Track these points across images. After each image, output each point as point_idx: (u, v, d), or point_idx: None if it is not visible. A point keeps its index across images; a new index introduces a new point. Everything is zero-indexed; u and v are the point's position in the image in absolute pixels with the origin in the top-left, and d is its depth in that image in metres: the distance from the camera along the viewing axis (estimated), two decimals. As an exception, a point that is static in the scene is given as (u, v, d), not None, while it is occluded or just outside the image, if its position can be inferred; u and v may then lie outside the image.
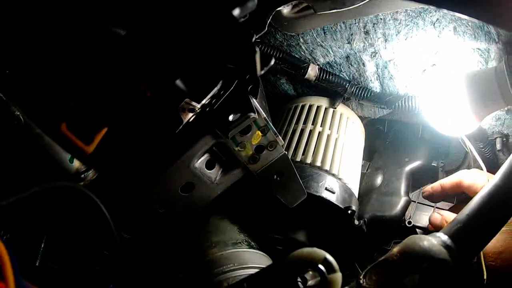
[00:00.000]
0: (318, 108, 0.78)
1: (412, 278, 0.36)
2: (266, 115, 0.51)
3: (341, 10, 0.61)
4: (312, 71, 0.74)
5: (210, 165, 0.54)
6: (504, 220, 0.39)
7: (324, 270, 0.32)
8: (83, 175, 0.50)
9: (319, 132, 0.73)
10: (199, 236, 0.61)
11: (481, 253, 0.46)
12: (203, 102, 0.47)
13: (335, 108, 0.77)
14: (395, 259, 0.37)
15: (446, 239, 0.37)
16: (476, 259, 0.47)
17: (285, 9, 0.66)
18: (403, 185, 0.78)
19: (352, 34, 0.69)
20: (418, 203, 0.93)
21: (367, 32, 0.68)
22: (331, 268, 0.33)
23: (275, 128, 0.52)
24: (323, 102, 0.79)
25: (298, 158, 0.69)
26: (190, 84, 0.46)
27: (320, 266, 0.32)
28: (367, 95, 0.75)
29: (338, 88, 0.75)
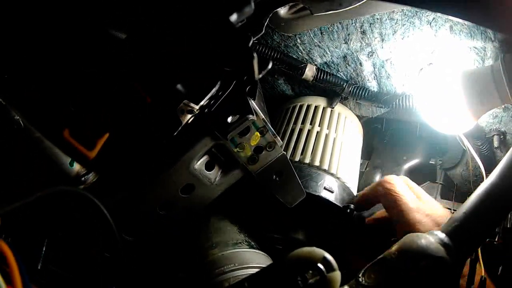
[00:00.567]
0: (316, 108, 0.78)
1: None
2: (264, 116, 0.51)
3: (338, 11, 0.62)
4: (309, 71, 0.74)
5: (209, 166, 0.54)
6: (501, 218, 0.40)
7: (323, 269, 0.32)
8: (83, 178, 0.50)
9: (317, 132, 0.73)
10: (200, 236, 0.62)
11: (478, 250, 0.46)
12: (202, 103, 0.47)
13: (333, 107, 0.78)
14: (393, 257, 0.37)
15: (444, 237, 0.38)
16: (474, 256, 0.47)
17: (282, 10, 0.66)
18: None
19: (349, 34, 0.70)
20: (416, 201, 0.94)
21: (364, 32, 0.69)
22: (330, 267, 0.33)
23: (273, 129, 0.53)
24: (321, 102, 0.79)
25: (297, 158, 0.69)
26: (189, 86, 0.46)
27: (319, 265, 0.33)
28: (364, 94, 0.76)
29: (335, 87, 0.76)
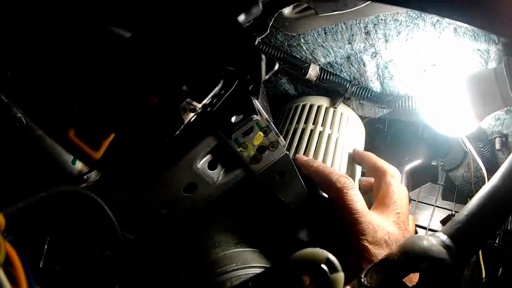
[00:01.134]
0: (319, 107, 0.78)
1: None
2: (267, 116, 0.51)
3: (342, 12, 0.62)
4: (313, 71, 0.74)
5: (212, 165, 0.54)
6: (503, 221, 0.40)
7: (326, 270, 0.33)
8: (86, 176, 0.50)
9: (320, 132, 0.74)
10: (202, 235, 0.62)
11: (480, 252, 0.46)
12: (204, 102, 0.47)
13: (336, 107, 0.78)
14: (395, 259, 0.37)
15: (445, 239, 0.38)
16: (475, 258, 0.47)
17: (286, 9, 0.66)
18: (403, 184, 0.79)
19: (353, 35, 0.69)
20: (418, 201, 0.94)
21: (368, 33, 0.69)
22: (333, 268, 0.33)
23: (276, 128, 0.53)
24: (324, 102, 0.79)
25: (299, 158, 0.69)
26: (191, 84, 0.46)
27: (323, 266, 0.33)
28: (367, 95, 0.76)
29: (338, 88, 0.76)
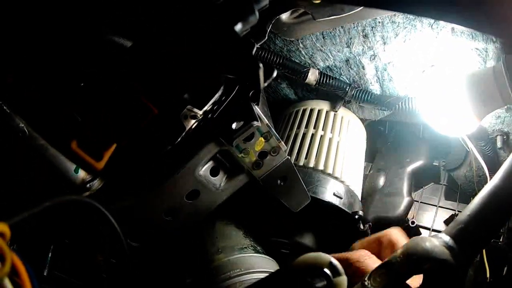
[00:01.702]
0: (319, 111, 0.78)
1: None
2: (268, 121, 0.51)
3: (340, 16, 0.62)
4: (312, 76, 0.74)
5: (214, 172, 0.55)
6: (506, 219, 0.40)
7: (330, 274, 0.33)
8: (88, 184, 0.51)
9: (321, 136, 0.74)
10: (205, 241, 0.62)
11: (483, 252, 0.46)
12: (205, 108, 0.47)
13: (336, 111, 0.78)
14: (398, 261, 0.37)
15: (448, 240, 0.38)
16: (479, 258, 0.47)
17: (284, 15, 0.67)
18: (406, 185, 0.79)
19: (351, 38, 0.70)
20: (421, 202, 0.94)
21: (365, 36, 0.69)
22: (336, 272, 0.33)
23: (277, 133, 0.53)
24: (324, 106, 0.79)
25: (301, 163, 0.70)
26: (192, 91, 0.46)
27: (326, 270, 0.33)
28: (367, 97, 0.76)
29: (338, 91, 0.76)
